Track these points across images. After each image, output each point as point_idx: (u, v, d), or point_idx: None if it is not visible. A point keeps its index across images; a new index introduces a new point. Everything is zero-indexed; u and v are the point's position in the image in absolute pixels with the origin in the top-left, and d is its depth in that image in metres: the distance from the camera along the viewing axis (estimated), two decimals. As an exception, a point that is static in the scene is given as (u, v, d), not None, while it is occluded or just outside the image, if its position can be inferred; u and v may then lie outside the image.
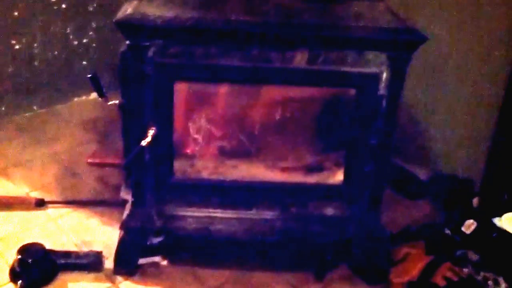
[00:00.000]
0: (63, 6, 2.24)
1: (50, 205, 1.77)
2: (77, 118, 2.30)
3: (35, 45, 2.23)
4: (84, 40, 2.35)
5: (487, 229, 1.56)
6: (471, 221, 1.57)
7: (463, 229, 1.56)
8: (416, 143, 1.98)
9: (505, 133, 1.72)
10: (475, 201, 1.68)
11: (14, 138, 2.13)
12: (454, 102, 1.87)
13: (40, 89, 2.32)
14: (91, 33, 2.36)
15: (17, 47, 2.19)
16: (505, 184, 1.72)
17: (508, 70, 1.68)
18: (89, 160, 1.78)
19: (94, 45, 2.38)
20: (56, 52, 2.30)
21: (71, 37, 2.31)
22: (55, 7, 2.22)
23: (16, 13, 2.14)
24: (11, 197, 1.78)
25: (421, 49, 1.30)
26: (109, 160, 1.79)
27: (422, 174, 1.90)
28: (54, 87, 2.35)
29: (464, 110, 1.85)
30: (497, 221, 1.58)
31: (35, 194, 1.82)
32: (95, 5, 2.32)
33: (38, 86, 2.31)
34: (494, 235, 1.54)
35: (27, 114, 2.30)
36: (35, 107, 2.33)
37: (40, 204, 1.76)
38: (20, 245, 1.48)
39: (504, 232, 1.54)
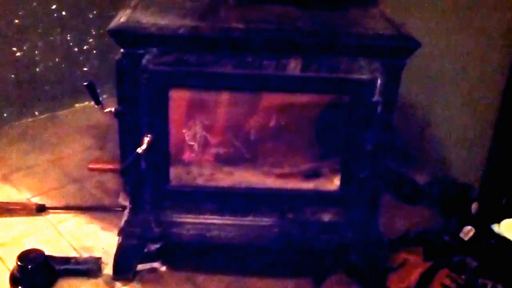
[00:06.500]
0: (63, 13, 2.27)
1: (50, 211, 1.78)
2: (79, 124, 2.32)
3: (36, 52, 2.26)
4: (85, 47, 2.38)
5: (486, 235, 1.54)
6: (469, 227, 1.55)
7: (461, 235, 1.55)
8: (413, 147, 1.97)
9: (503, 137, 1.70)
10: (473, 206, 1.66)
11: (16, 144, 2.16)
12: (451, 105, 1.85)
13: (42, 96, 2.34)
14: (91, 40, 2.38)
15: (18, 54, 2.22)
16: (504, 189, 1.69)
17: (505, 72, 1.66)
18: (90, 166, 1.78)
19: (94, 51, 2.40)
20: (57, 59, 2.32)
21: (71, 44, 2.34)
22: (55, 15, 2.25)
23: (17, 21, 2.17)
24: (12, 203, 1.79)
25: (418, 51, 1.29)
26: (110, 166, 1.79)
27: (420, 178, 1.89)
28: (55, 94, 2.37)
29: (462, 114, 1.83)
30: (496, 227, 1.56)
31: (36, 200, 1.83)
32: (94, 12, 2.34)
33: (40, 93, 2.33)
34: (493, 241, 1.52)
35: (28, 120, 2.33)
36: (36, 113, 2.35)
37: (41, 209, 1.77)
38: (21, 250, 1.49)
39: (503, 238, 1.53)
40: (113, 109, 1.39)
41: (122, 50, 1.29)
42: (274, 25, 1.31)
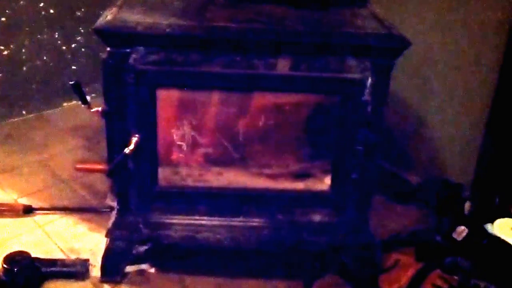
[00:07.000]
0: (51, 11, 2.25)
1: (38, 212, 1.76)
2: (67, 124, 2.30)
3: (24, 50, 2.24)
4: (73, 45, 2.36)
5: (479, 236, 1.53)
6: (462, 227, 1.54)
7: (454, 235, 1.54)
8: (407, 147, 1.97)
9: (496, 136, 1.69)
10: (466, 206, 1.65)
11: (3, 144, 2.13)
12: (444, 105, 1.85)
13: (29, 95, 2.32)
14: (79, 38, 2.36)
15: (5, 53, 2.19)
16: (497, 188, 1.69)
17: (498, 72, 1.66)
18: (77, 166, 1.76)
19: (83, 50, 2.38)
20: (44, 58, 2.30)
21: (59, 42, 2.32)
22: (43, 13, 2.23)
23: (4, 19, 2.15)
24: (-2, 204, 1.77)
25: (412, 51, 1.28)
26: (97, 166, 1.77)
27: (413, 178, 1.88)
28: (43, 93, 2.35)
29: (455, 113, 1.83)
30: (489, 227, 1.56)
31: (23, 201, 1.81)
32: (83, 10, 2.33)
33: (27, 92, 2.31)
34: (486, 241, 1.51)
35: (16, 120, 2.31)
36: (24, 113, 2.33)
37: (28, 210, 1.75)
38: (7, 252, 1.47)
39: (496, 238, 1.52)
40: (100, 109, 1.36)
41: (108, 49, 1.27)
42: (264, 24, 1.29)
